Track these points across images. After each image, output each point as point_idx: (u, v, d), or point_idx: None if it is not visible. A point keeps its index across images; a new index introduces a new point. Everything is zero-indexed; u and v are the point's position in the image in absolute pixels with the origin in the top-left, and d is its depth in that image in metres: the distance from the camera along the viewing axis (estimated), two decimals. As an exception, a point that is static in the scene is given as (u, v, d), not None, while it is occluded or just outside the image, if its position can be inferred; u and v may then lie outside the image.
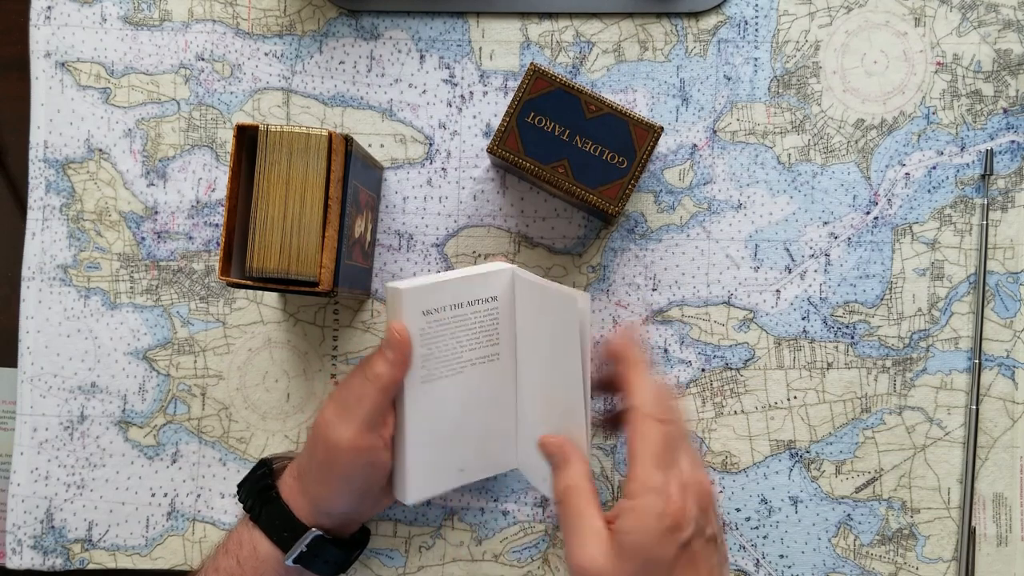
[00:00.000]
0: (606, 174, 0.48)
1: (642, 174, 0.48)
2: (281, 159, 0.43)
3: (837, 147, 0.54)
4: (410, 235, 0.55)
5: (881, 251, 0.54)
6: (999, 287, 0.54)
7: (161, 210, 0.55)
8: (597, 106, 0.48)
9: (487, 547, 0.54)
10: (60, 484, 0.54)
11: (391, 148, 0.55)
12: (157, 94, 0.55)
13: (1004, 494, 0.53)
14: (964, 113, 0.54)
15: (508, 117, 0.48)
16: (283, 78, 0.55)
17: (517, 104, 0.48)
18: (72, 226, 0.55)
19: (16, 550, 0.54)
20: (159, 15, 0.55)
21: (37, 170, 0.55)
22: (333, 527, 0.47)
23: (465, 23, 0.55)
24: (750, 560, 0.53)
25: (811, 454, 0.54)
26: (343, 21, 0.55)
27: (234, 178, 0.43)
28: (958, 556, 0.53)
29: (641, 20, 0.54)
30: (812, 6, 0.54)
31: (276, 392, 0.55)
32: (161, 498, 0.54)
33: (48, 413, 0.54)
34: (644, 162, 0.47)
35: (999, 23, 0.54)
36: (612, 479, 0.54)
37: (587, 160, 0.47)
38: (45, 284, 0.55)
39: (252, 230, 0.43)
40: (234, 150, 0.43)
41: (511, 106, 0.48)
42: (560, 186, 0.48)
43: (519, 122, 0.48)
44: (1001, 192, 0.54)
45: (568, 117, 0.48)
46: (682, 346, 0.54)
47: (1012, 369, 0.53)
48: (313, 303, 0.55)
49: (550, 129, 0.48)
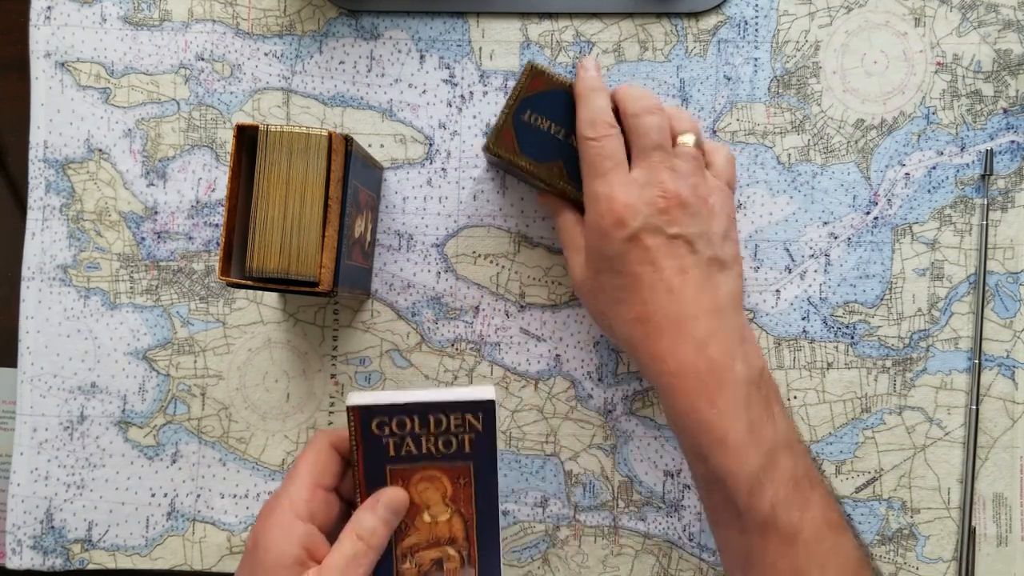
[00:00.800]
0: None
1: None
2: (281, 159, 0.43)
3: (837, 147, 0.54)
4: (410, 235, 0.55)
5: (881, 251, 0.54)
6: (999, 287, 0.54)
7: (161, 210, 0.55)
8: None
9: (487, 547, 0.54)
10: (60, 484, 0.54)
11: (391, 148, 0.55)
12: (157, 94, 0.55)
13: (1004, 494, 0.53)
14: (964, 113, 0.54)
15: (504, 114, 0.48)
16: (283, 78, 0.55)
17: (514, 102, 0.48)
18: (72, 226, 0.55)
19: (16, 550, 0.54)
20: (159, 15, 0.55)
21: (37, 170, 0.55)
22: None
23: (465, 23, 0.55)
24: (750, 560, 0.53)
25: (811, 454, 0.54)
26: (343, 21, 0.55)
27: (234, 178, 0.43)
28: (958, 556, 0.53)
29: (641, 20, 0.54)
30: (812, 6, 0.54)
31: (276, 392, 0.55)
32: (161, 498, 0.54)
33: (48, 413, 0.54)
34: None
35: (999, 23, 0.54)
36: (612, 479, 0.54)
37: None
38: (45, 284, 0.55)
39: (252, 230, 0.43)
40: (234, 150, 0.43)
41: (508, 103, 0.48)
42: (555, 186, 0.48)
43: (515, 120, 0.48)
44: (1001, 192, 0.54)
45: (565, 116, 0.48)
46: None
47: (1012, 369, 0.53)
48: (313, 303, 0.55)
49: (546, 128, 0.48)
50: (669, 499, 0.54)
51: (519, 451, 0.54)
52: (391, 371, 0.54)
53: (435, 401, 0.44)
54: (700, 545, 0.54)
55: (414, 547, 0.45)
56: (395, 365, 0.55)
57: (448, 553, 0.46)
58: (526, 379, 0.54)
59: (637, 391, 0.54)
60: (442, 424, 0.44)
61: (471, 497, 0.45)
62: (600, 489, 0.54)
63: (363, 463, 0.44)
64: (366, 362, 0.55)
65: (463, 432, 0.44)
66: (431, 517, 0.45)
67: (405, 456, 0.44)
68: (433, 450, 0.44)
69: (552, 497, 0.54)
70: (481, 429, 0.44)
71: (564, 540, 0.54)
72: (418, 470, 0.45)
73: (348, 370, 0.55)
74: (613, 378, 0.54)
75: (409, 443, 0.44)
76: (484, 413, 0.44)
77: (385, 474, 0.45)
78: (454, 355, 0.54)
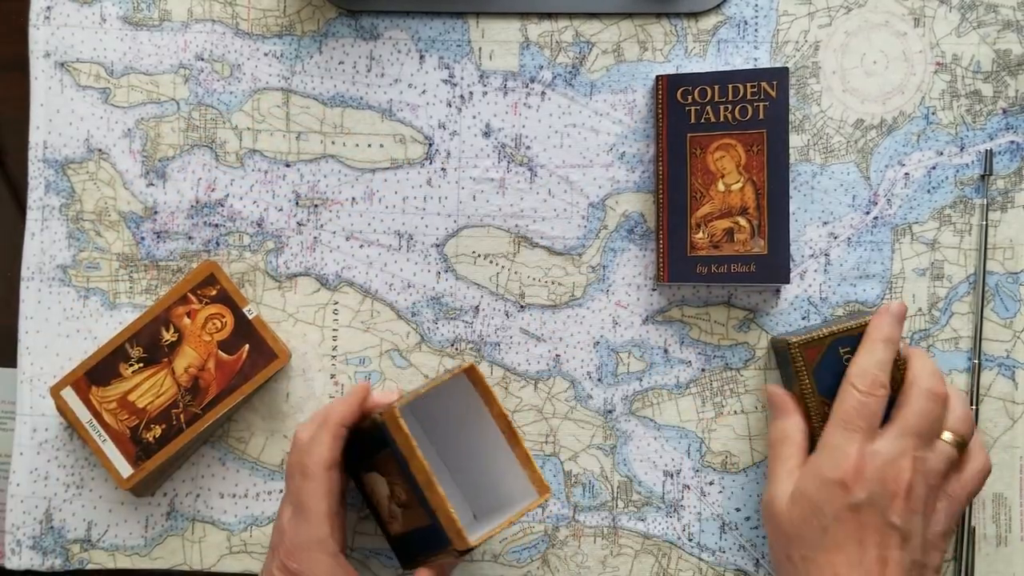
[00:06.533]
0: None
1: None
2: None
3: (836, 147, 0.54)
4: (410, 235, 0.55)
5: (881, 251, 0.54)
6: (999, 287, 0.54)
7: (160, 210, 0.55)
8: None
9: (486, 547, 0.54)
10: (59, 484, 0.54)
11: (391, 148, 0.55)
12: (156, 94, 0.55)
13: (1004, 494, 0.53)
14: (963, 113, 0.54)
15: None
16: (283, 78, 0.55)
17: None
18: (71, 226, 0.55)
19: (15, 550, 0.54)
20: (159, 15, 0.55)
21: (36, 170, 0.55)
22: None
23: (465, 23, 0.55)
24: (750, 560, 0.53)
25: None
26: (343, 21, 0.55)
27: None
28: (957, 556, 0.53)
29: (641, 20, 0.54)
30: (812, 6, 0.54)
31: (276, 392, 0.55)
32: (160, 498, 0.54)
33: (47, 413, 0.54)
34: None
35: (999, 23, 0.54)
36: (611, 479, 0.54)
37: None
38: (44, 284, 0.55)
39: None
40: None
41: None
42: (805, 392, 0.49)
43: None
44: (1000, 192, 0.54)
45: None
46: (682, 346, 0.54)
47: (1012, 369, 0.53)
48: (313, 303, 0.55)
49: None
50: (669, 499, 0.54)
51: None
52: (391, 371, 0.54)
53: (735, 70, 0.50)
54: (700, 545, 0.54)
55: (708, 216, 0.49)
56: (395, 365, 0.55)
57: (739, 224, 0.49)
58: (526, 379, 0.54)
59: (637, 391, 0.54)
60: (739, 92, 0.49)
61: (763, 165, 0.49)
62: (599, 489, 0.54)
63: (667, 131, 0.50)
64: (366, 362, 0.55)
65: (758, 100, 0.48)
66: (725, 186, 0.49)
67: (704, 123, 0.50)
68: (730, 118, 0.49)
69: (552, 497, 0.54)
70: (775, 96, 0.48)
71: (563, 540, 0.54)
72: (716, 138, 0.49)
73: (348, 370, 0.55)
74: (613, 378, 0.54)
75: (708, 111, 0.49)
76: (779, 81, 0.48)
77: (686, 142, 0.50)
78: (454, 355, 0.54)
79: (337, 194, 0.55)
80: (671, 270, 0.52)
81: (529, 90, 0.55)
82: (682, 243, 0.51)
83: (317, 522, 0.45)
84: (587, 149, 0.54)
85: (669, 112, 0.51)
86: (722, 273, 0.51)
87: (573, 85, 0.54)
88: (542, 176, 0.55)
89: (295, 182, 0.55)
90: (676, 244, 0.51)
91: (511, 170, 0.55)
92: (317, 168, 0.55)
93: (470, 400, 0.47)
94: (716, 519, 0.54)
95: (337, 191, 0.55)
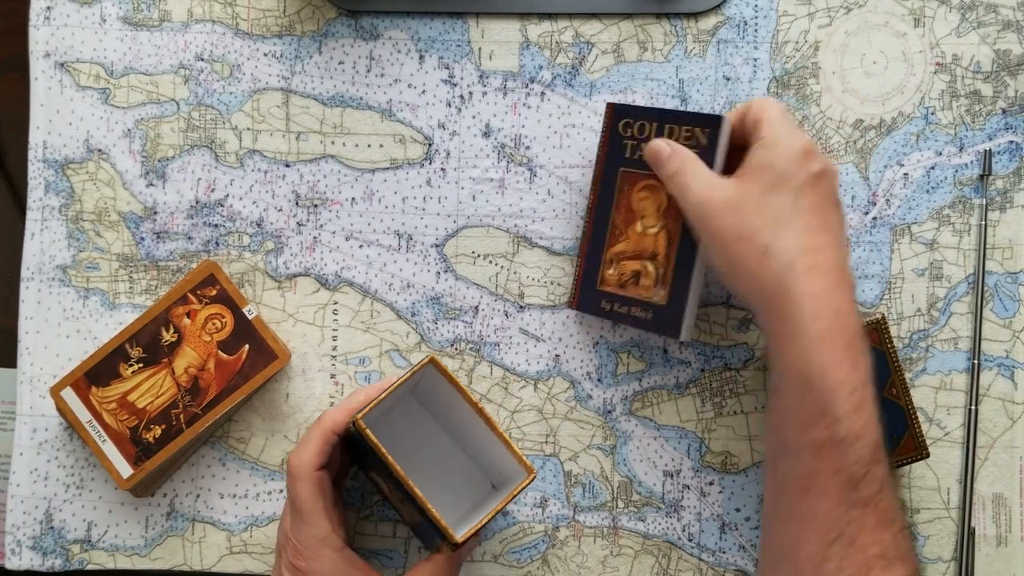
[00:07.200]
0: None
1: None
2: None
3: (836, 147, 0.54)
4: (409, 235, 0.55)
5: (880, 251, 0.54)
6: (998, 287, 0.54)
7: (160, 210, 0.55)
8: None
9: (486, 548, 0.54)
10: (59, 484, 0.54)
11: (390, 148, 0.55)
12: (156, 94, 0.55)
13: (1004, 494, 0.53)
14: (963, 113, 0.54)
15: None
16: (282, 78, 0.55)
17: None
18: (71, 226, 0.55)
19: (15, 551, 0.54)
20: (158, 15, 0.55)
21: (36, 170, 0.55)
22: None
23: (464, 23, 0.55)
24: (750, 560, 0.53)
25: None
26: (342, 21, 0.55)
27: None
28: (957, 556, 0.53)
29: (641, 20, 0.55)
30: (811, 6, 0.54)
31: (275, 392, 0.55)
32: (160, 498, 0.54)
33: (47, 414, 0.54)
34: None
35: (998, 23, 0.54)
36: (611, 479, 0.54)
37: None
38: (44, 284, 0.55)
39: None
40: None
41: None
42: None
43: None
44: (1000, 192, 0.54)
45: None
46: (681, 346, 0.54)
47: (1011, 369, 0.53)
48: (313, 303, 0.55)
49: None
50: (669, 499, 0.54)
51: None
52: (391, 371, 0.55)
53: (673, 111, 0.50)
54: (700, 545, 0.54)
55: (621, 254, 0.50)
56: (395, 365, 0.55)
57: (647, 268, 0.49)
58: (525, 379, 0.54)
59: (637, 391, 0.54)
60: (673, 133, 0.49)
61: (679, 215, 0.48)
62: (599, 489, 0.54)
63: (604, 161, 0.51)
64: (366, 362, 0.55)
65: (690, 146, 0.48)
66: (643, 227, 0.49)
67: (636, 160, 0.50)
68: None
69: (552, 497, 0.54)
70: (705, 144, 0.48)
71: (564, 541, 0.54)
72: (643, 178, 0.50)
73: (348, 370, 0.55)
74: (612, 378, 0.54)
75: (642, 149, 0.49)
76: (712, 129, 0.47)
77: (617, 175, 0.51)
78: (454, 355, 0.54)
79: (337, 194, 0.55)
80: (581, 299, 0.52)
81: (529, 90, 0.55)
82: (595, 275, 0.51)
83: (316, 520, 0.46)
84: (587, 149, 0.54)
85: (609, 142, 0.51)
86: (622, 314, 0.50)
87: (573, 85, 0.55)
88: (541, 176, 0.55)
89: (295, 182, 0.55)
90: (590, 274, 0.51)
91: (510, 170, 0.55)
92: (317, 168, 0.55)
93: (447, 389, 0.48)
94: (716, 519, 0.54)
95: (337, 191, 0.55)
